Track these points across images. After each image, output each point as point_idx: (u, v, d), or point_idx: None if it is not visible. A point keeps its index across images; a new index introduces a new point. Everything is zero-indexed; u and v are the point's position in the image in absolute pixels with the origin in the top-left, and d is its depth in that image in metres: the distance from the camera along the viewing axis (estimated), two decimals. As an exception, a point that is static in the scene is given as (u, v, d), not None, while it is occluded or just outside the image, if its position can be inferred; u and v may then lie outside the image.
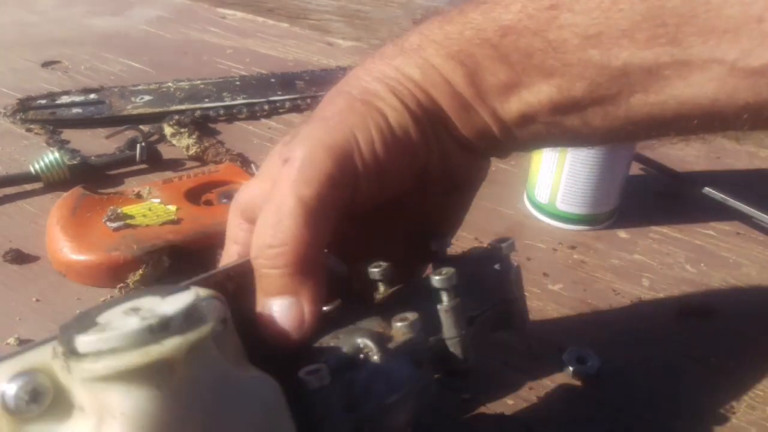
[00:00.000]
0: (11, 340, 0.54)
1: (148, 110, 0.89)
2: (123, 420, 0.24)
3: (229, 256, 0.42)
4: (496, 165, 0.83)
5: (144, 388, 0.24)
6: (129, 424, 0.24)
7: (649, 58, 0.33)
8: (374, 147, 0.37)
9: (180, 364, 0.25)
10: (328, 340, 0.35)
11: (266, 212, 0.35)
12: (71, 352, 0.25)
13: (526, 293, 0.64)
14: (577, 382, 0.54)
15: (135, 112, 0.88)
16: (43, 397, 0.25)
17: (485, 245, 0.46)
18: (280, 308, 0.34)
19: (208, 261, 0.64)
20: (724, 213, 0.75)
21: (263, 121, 0.92)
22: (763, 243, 0.72)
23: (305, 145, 0.36)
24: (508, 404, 0.52)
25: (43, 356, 0.26)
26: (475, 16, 0.38)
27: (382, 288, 0.40)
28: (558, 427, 0.51)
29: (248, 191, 0.41)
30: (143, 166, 0.78)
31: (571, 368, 0.54)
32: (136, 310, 0.26)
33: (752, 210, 0.73)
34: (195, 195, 0.69)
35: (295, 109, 0.94)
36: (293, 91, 0.97)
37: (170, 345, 0.24)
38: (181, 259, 0.62)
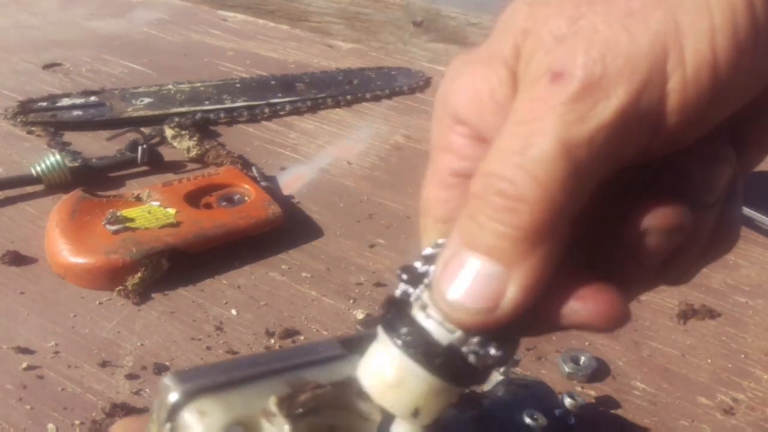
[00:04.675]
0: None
1: (149, 112, 0.89)
2: None
3: (439, 169, 0.30)
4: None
5: None
6: None
7: None
8: (714, 45, 0.22)
9: None
10: None
11: (510, 138, 0.24)
12: None
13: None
14: (574, 383, 0.54)
15: (136, 114, 0.89)
16: None
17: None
18: (475, 272, 0.24)
19: (206, 264, 0.64)
20: (724, 214, 0.74)
21: (263, 123, 0.92)
22: (763, 245, 0.72)
23: (594, 57, 0.23)
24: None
25: (254, 407, 0.25)
26: None
27: None
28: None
29: (464, 87, 0.28)
30: (144, 168, 0.78)
31: (566, 369, 0.54)
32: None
33: (752, 212, 0.73)
34: (194, 198, 0.69)
35: (296, 111, 0.94)
36: (293, 93, 0.97)
37: None
38: (180, 262, 0.62)
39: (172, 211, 0.66)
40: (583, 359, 0.55)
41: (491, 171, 0.24)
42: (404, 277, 0.25)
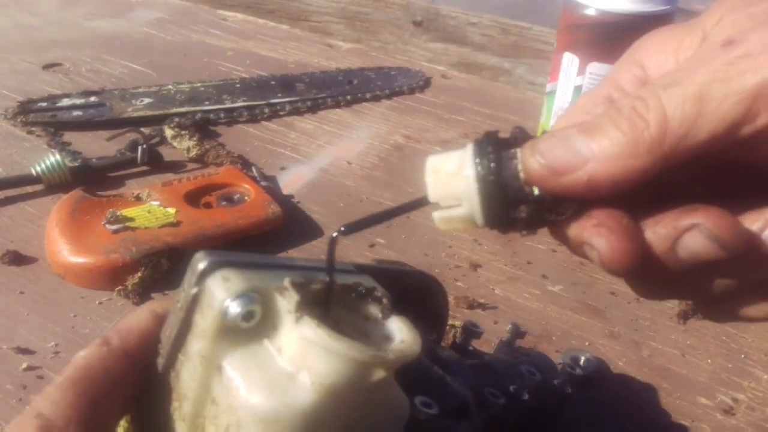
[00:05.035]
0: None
1: (149, 113, 0.89)
2: (316, 388, 0.26)
3: (598, 91, 0.33)
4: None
5: (350, 375, 0.26)
6: (320, 394, 0.26)
7: None
8: None
9: (384, 375, 0.27)
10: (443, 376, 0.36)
11: (664, 78, 0.28)
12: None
13: (526, 294, 0.64)
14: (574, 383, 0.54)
15: (135, 114, 0.89)
16: (252, 321, 0.27)
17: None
18: (570, 145, 0.28)
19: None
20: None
21: (263, 123, 0.92)
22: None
23: None
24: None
25: (270, 284, 0.28)
26: None
27: None
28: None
29: (658, 40, 0.32)
30: (144, 168, 0.79)
31: (567, 369, 0.54)
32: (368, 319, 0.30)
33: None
34: (194, 197, 0.69)
35: (295, 111, 0.95)
36: (293, 93, 0.97)
37: (393, 359, 0.27)
38: (180, 261, 0.62)
39: (172, 210, 0.66)
40: (583, 359, 0.55)
41: (637, 95, 0.28)
42: (517, 130, 0.29)
